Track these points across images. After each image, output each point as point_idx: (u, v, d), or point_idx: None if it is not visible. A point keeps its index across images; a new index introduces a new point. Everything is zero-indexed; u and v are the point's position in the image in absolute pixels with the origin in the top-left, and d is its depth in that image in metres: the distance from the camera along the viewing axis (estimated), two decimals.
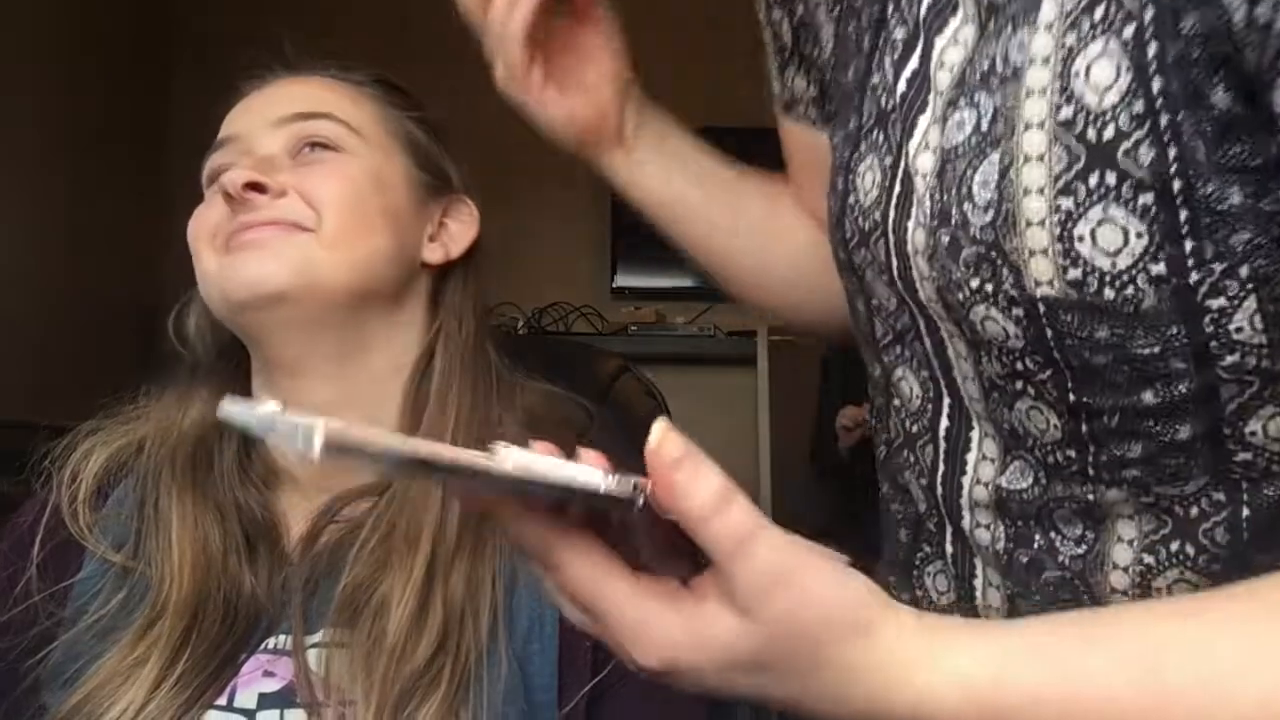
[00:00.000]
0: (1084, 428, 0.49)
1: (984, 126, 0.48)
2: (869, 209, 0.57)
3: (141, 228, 2.89)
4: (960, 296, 0.50)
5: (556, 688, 0.67)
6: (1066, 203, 0.45)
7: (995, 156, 0.47)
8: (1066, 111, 0.45)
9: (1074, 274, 0.45)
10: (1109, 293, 0.45)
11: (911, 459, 0.60)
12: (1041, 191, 0.46)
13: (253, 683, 0.67)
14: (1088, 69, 0.44)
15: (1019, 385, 0.51)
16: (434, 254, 0.77)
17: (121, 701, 0.63)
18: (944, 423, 0.57)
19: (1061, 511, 0.53)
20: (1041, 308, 0.47)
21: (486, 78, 0.81)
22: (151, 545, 0.70)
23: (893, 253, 0.54)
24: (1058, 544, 0.53)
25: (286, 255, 0.67)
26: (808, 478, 3.06)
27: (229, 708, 0.66)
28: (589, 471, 0.36)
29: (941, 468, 0.57)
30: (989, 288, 0.48)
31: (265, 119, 0.74)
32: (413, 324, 0.76)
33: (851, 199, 0.59)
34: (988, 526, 0.56)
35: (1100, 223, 0.44)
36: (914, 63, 0.56)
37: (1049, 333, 0.47)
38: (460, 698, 0.64)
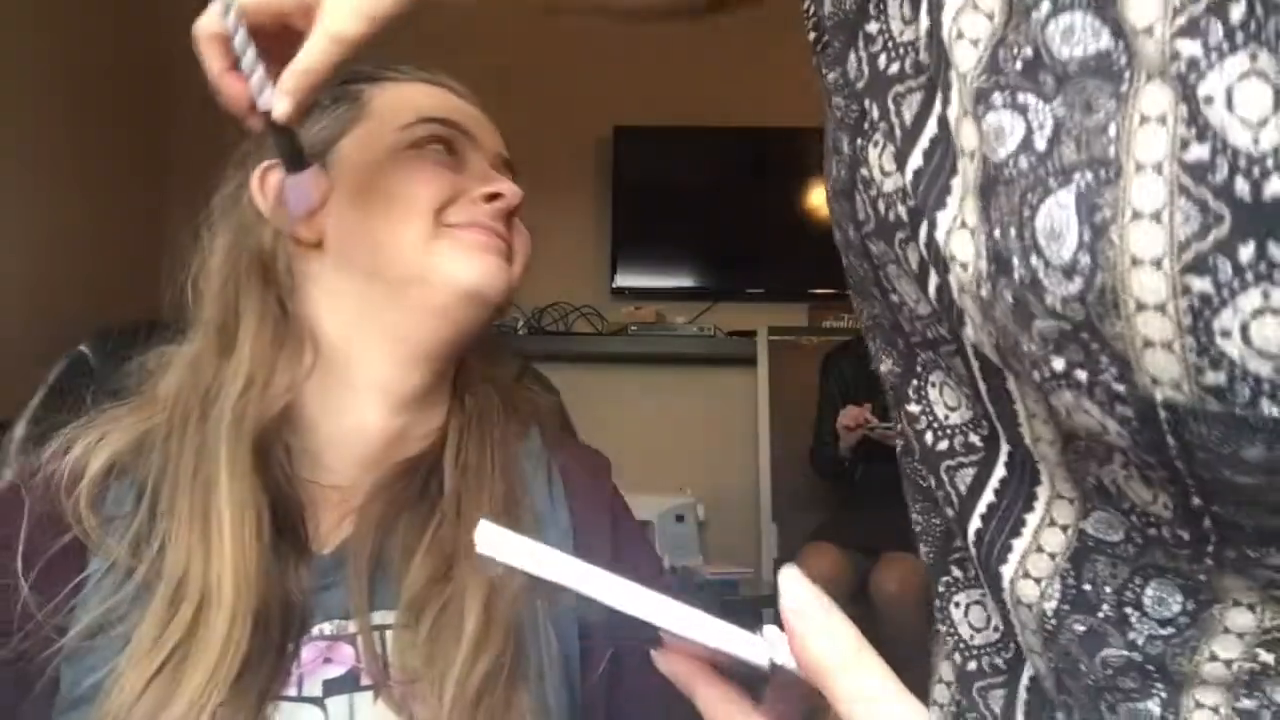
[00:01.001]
0: (1207, 523, 0.39)
1: (1039, 144, 0.36)
2: (890, 196, 0.44)
3: (135, 230, 2.89)
4: (1036, 376, 0.38)
5: (579, 657, 0.72)
6: (1201, 283, 0.33)
7: (1066, 195, 0.35)
8: (1198, 151, 0.32)
9: (1215, 379, 0.33)
10: (1272, 408, 0.33)
11: (932, 481, 0.49)
12: (1159, 265, 0.33)
13: (316, 670, 0.67)
14: (1228, 93, 0.32)
15: (1118, 460, 0.40)
16: None
17: (179, 705, 0.61)
18: (998, 472, 0.46)
19: (1158, 582, 0.42)
20: (1163, 414, 0.35)
21: (486, 78, 0.82)
22: (180, 542, 0.66)
23: (930, 270, 0.42)
24: (1134, 619, 0.42)
25: (507, 275, 0.74)
26: (808, 478, 3.06)
27: (299, 698, 0.66)
28: (721, 631, 0.36)
29: (979, 516, 0.47)
30: (1080, 375, 0.36)
31: (492, 148, 0.79)
32: None
33: (865, 172, 0.46)
34: (1038, 580, 0.45)
35: (1258, 313, 0.32)
36: (923, 19, 0.42)
37: (1171, 442, 0.36)
38: (519, 676, 0.67)
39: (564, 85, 3.31)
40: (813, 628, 0.35)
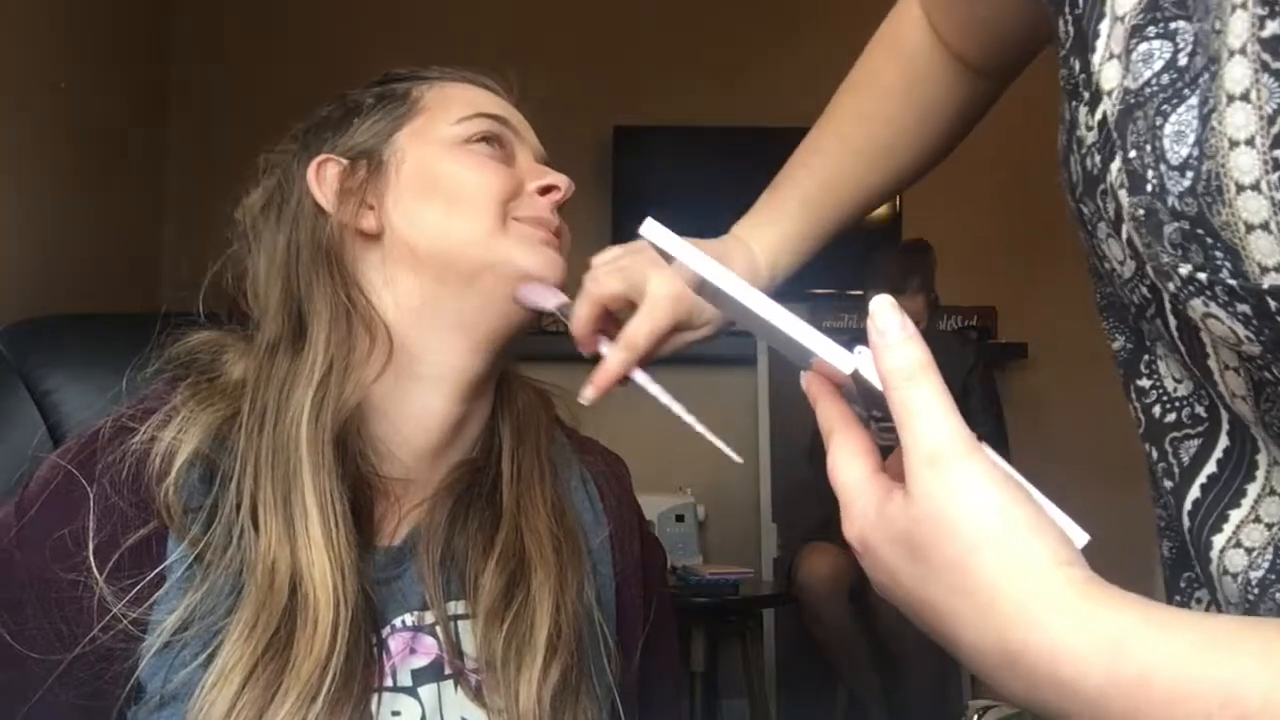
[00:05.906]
0: None
1: (1181, 60, 0.37)
2: (1091, 148, 0.43)
3: (140, 231, 2.89)
4: (1172, 287, 0.38)
5: (616, 644, 0.78)
6: None
7: (1194, 99, 0.36)
8: (1273, 27, 0.33)
9: None
10: None
11: (1154, 454, 0.49)
12: (1252, 143, 0.34)
13: (404, 660, 0.70)
14: None
15: None
16: None
17: (290, 697, 0.61)
18: (1222, 442, 0.45)
19: None
20: (1272, 304, 0.35)
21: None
22: (268, 533, 0.65)
23: (1123, 212, 0.41)
24: None
25: (564, 268, 0.76)
26: (808, 477, 3.06)
27: (395, 688, 0.68)
28: (810, 333, 0.42)
29: (1199, 486, 0.47)
30: (1202, 277, 0.36)
31: (534, 144, 0.81)
32: None
33: (1079, 133, 0.45)
34: (1250, 550, 0.44)
35: None
36: None
37: None
38: (585, 678, 0.72)
39: (564, 85, 3.31)
40: (888, 345, 0.40)
